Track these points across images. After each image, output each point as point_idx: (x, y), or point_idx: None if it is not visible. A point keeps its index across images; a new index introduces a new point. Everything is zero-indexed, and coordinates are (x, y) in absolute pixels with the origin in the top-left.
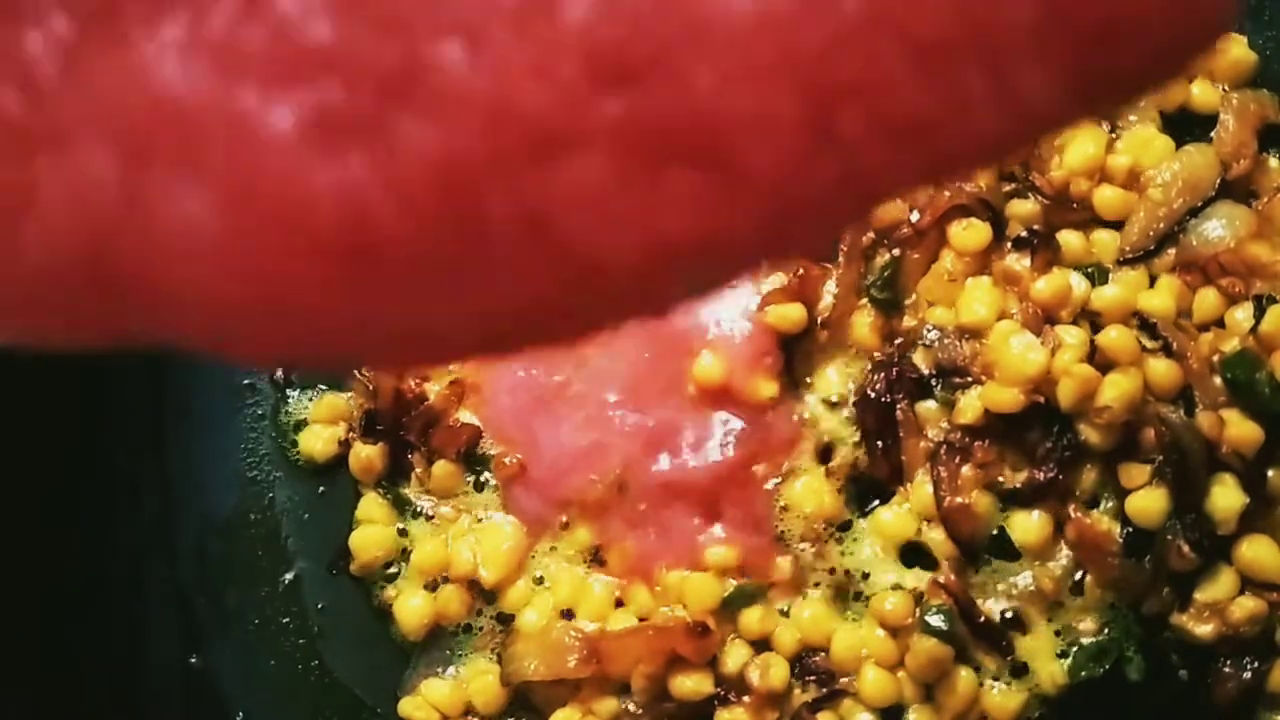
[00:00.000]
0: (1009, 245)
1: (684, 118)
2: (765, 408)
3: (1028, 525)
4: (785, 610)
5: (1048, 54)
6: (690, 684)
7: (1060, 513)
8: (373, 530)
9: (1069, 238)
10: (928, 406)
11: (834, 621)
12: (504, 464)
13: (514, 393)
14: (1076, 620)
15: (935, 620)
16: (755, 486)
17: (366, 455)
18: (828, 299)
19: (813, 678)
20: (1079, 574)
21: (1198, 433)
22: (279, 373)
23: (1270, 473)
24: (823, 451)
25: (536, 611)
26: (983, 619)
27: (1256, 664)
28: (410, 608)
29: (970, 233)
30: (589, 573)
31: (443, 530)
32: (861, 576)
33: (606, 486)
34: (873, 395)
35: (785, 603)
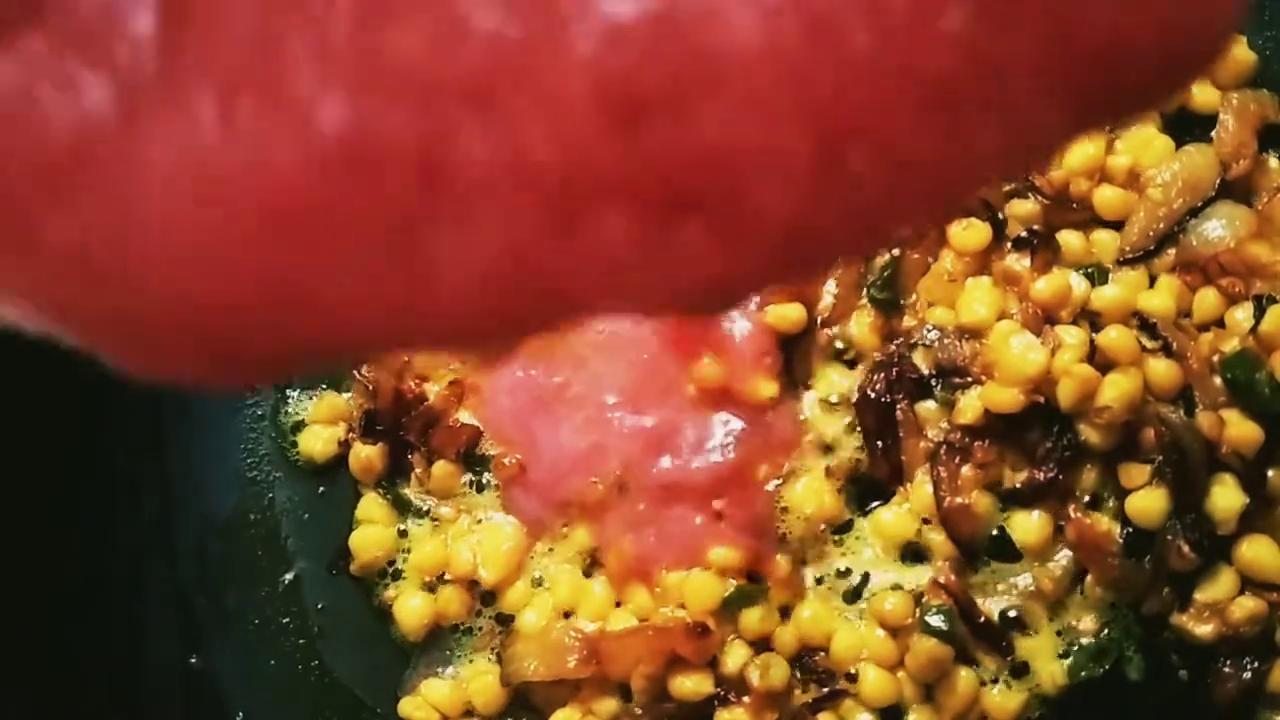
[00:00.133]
0: (1009, 245)
1: (695, 156)
2: (765, 408)
3: (1028, 525)
4: (785, 610)
5: (1051, 84)
6: (690, 684)
7: (1060, 513)
8: (373, 530)
9: (1069, 238)
10: (928, 406)
11: (834, 621)
12: (503, 464)
13: (513, 393)
14: (1076, 620)
15: (935, 620)
16: (756, 488)
17: (366, 455)
18: (828, 299)
19: (813, 678)
20: (1079, 574)
21: (1198, 433)
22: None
23: (1270, 473)
24: (823, 452)
25: (536, 612)
26: (983, 619)
27: (1256, 664)
28: (410, 608)
29: (970, 233)
30: (589, 574)
31: (443, 530)
32: (861, 577)
33: (606, 488)
34: (873, 395)
35: (786, 603)
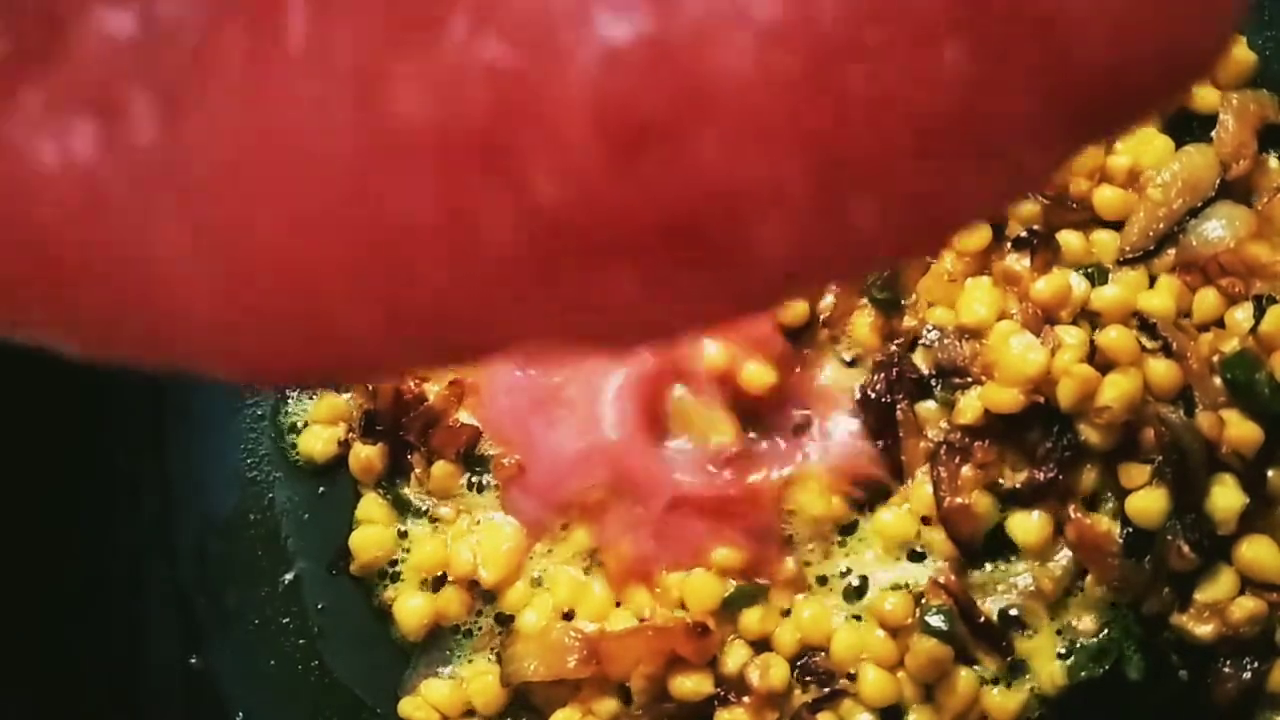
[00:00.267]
0: (1009, 245)
1: (695, 188)
2: (769, 406)
3: (1028, 525)
4: (786, 611)
5: (1050, 114)
6: (690, 684)
7: (1060, 513)
8: (373, 530)
9: (1069, 238)
10: (928, 406)
11: (834, 621)
12: (503, 465)
13: (512, 394)
14: (1076, 620)
15: (935, 620)
16: (759, 490)
17: (366, 456)
18: (828, 298)
19: (812, 678)
20: (1079, 574)
21: (1198, 433)
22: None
23: (1270, 473)
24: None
25: (536, 612)
26: (983, 619)
27: (1256, 664)
28: (410, 608)
29: (970, 233)
30: (589, 574)
31: (442, 531)
32: (861, 578)
33: (605, 491)
34: (873, 395)
35: (787, 603)
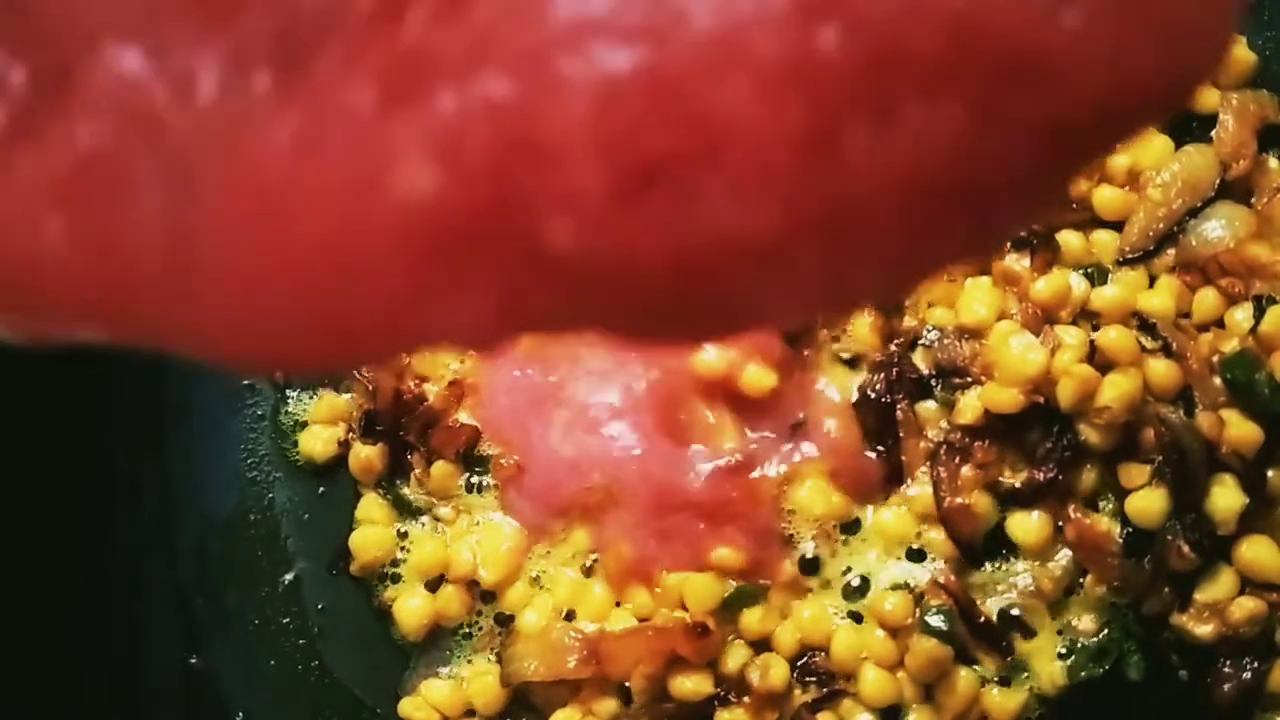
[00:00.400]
0: (1009, 245)
1: (702, 237)
2: (767, 406)
3: (1028, 525)
4: (786, 611)
5: (1050, 156)
6: (690, 684)
7: (1060, 513)
8: (373, 531)
9: (1069, 238)
10: (928, 407)
11: (834, 621)
12: (501, 465)
13: (510, 393)
14: (1076, 620)
15: (935, 620)
16: (759, 491)
17: (366, 456)
18: None
19: (812, 678)
20: (1079, 574)
21: (1198, 433)
22: (279, 374)
23: (1270, 473)
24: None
25: (536, 612)
26: (983, 619)
27: (1256, 664)
28: (410, 608)
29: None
30: (589, 574)
31: (442, 531)
32: (861, 577)
33: (604, 493)
34: (873, 395)
35: (788, 603)
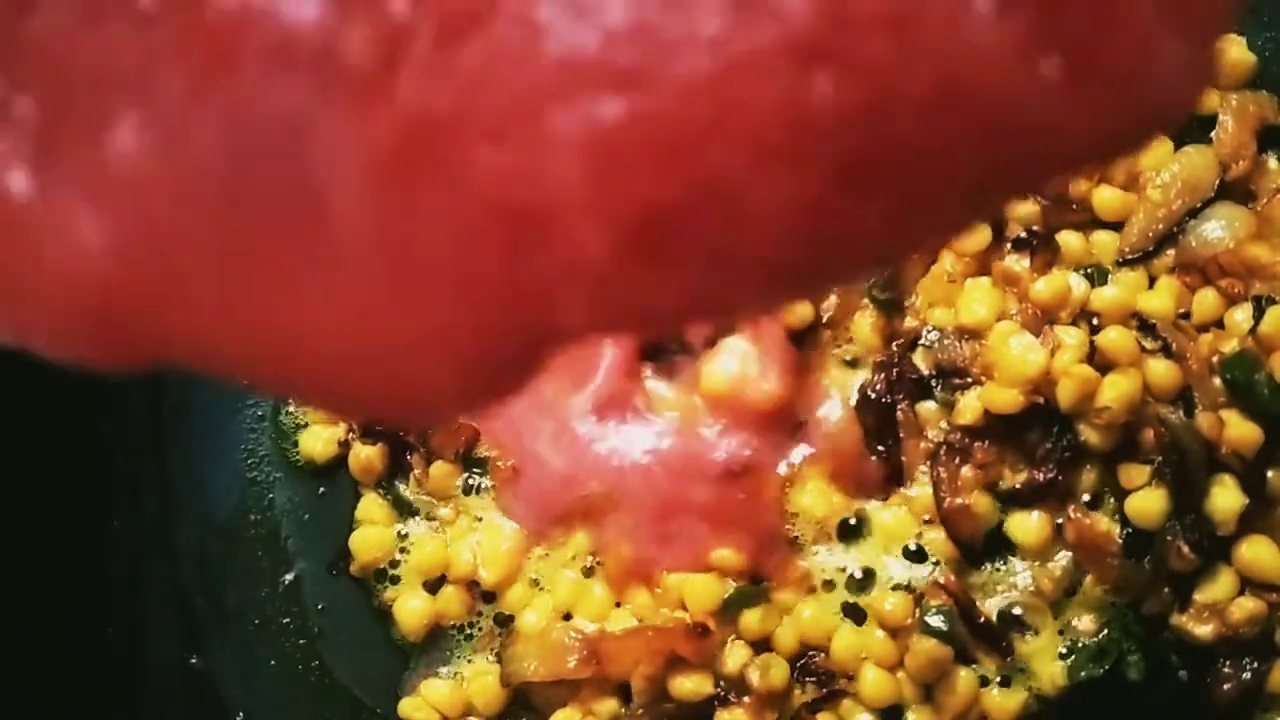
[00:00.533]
0: (1008, 246)
1: (711, 292)
2: (770, 410)
3: (1027, 525)
4: (785, 611)
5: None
6: (690, 685)
7: (1060, 513)
8: (372, 531)
9: (1068, 238)
10: (928, 407)
11: (834, 621)
12: (499, 467)
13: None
14: (1076, 620)
15: (935, 620)
16: (763, 494)
17: (366, 456)
18: (831, 299)
19: (813, 678)
20: (1079, 574)
21: (1197, 433)
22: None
23: (1270, 473)
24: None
25: (536, 612)
26: (983, 619)
27: (1256, 664)
28: (410, 608)
29: (969, 234)
30: (589, 574)
31: (442, 531)
32: (862, 573)
33: (604, 499)
34: (873, 396)
35: (791, 604)
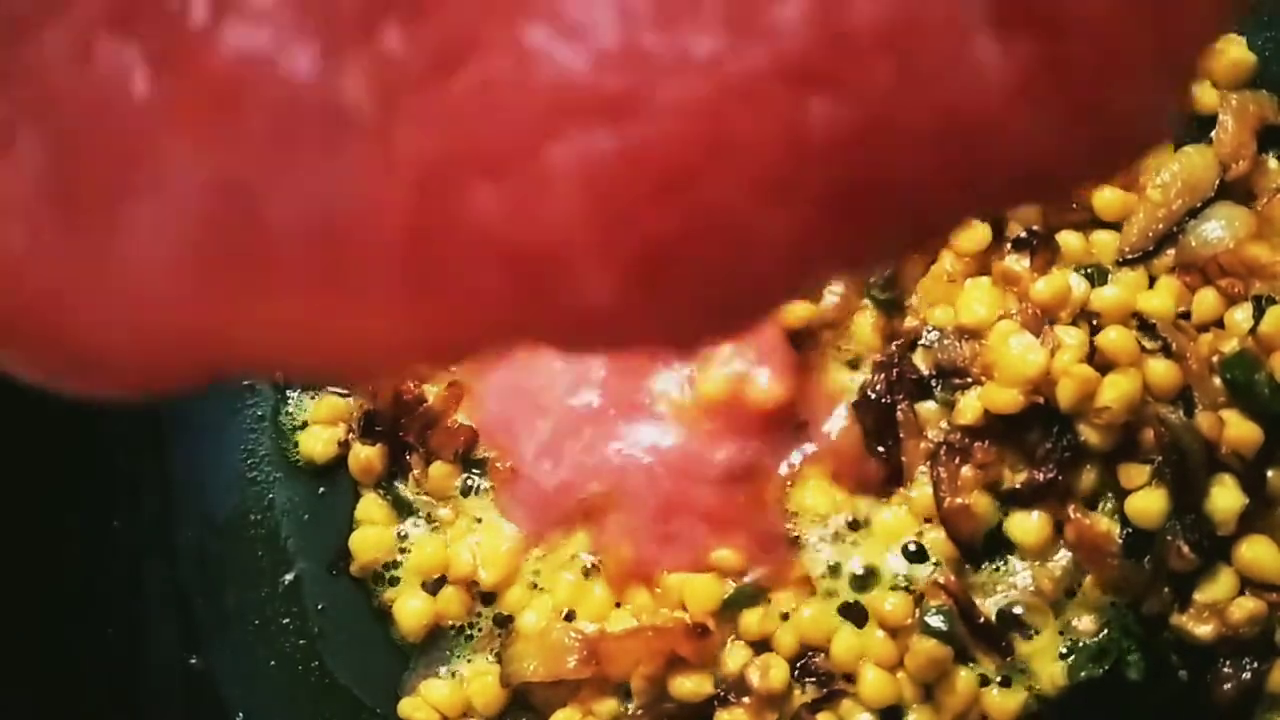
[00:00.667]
0: (1008, 246)
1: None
2: (770, 410)
3: (1027, 525)
4: (785, 612)
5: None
6: (690, 685)
7: (1060, 513)
8: (372, 531)
9: (1068, 238)
10: (928, 407)
11: (834, 622)
12: (497, 468)
13: (501, 397)
14: (1076, 620)
15: (935, 621)
16: (764, 494)
17: (366, 456)
18: (831, 299)
19: (813, 678)
20: (1079, 574)
21: (1197, 433)
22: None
23: (1270, 473)
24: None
25: (536, 612)
26: (983, 619)
27: (1256, 664)
28: (410, 609)
29: (969, 233)
30: (588, 574)
31: (442, 531)
32: (863, 570)
33: (604, 499)
34: (873, 396)
35: (792, 604)
